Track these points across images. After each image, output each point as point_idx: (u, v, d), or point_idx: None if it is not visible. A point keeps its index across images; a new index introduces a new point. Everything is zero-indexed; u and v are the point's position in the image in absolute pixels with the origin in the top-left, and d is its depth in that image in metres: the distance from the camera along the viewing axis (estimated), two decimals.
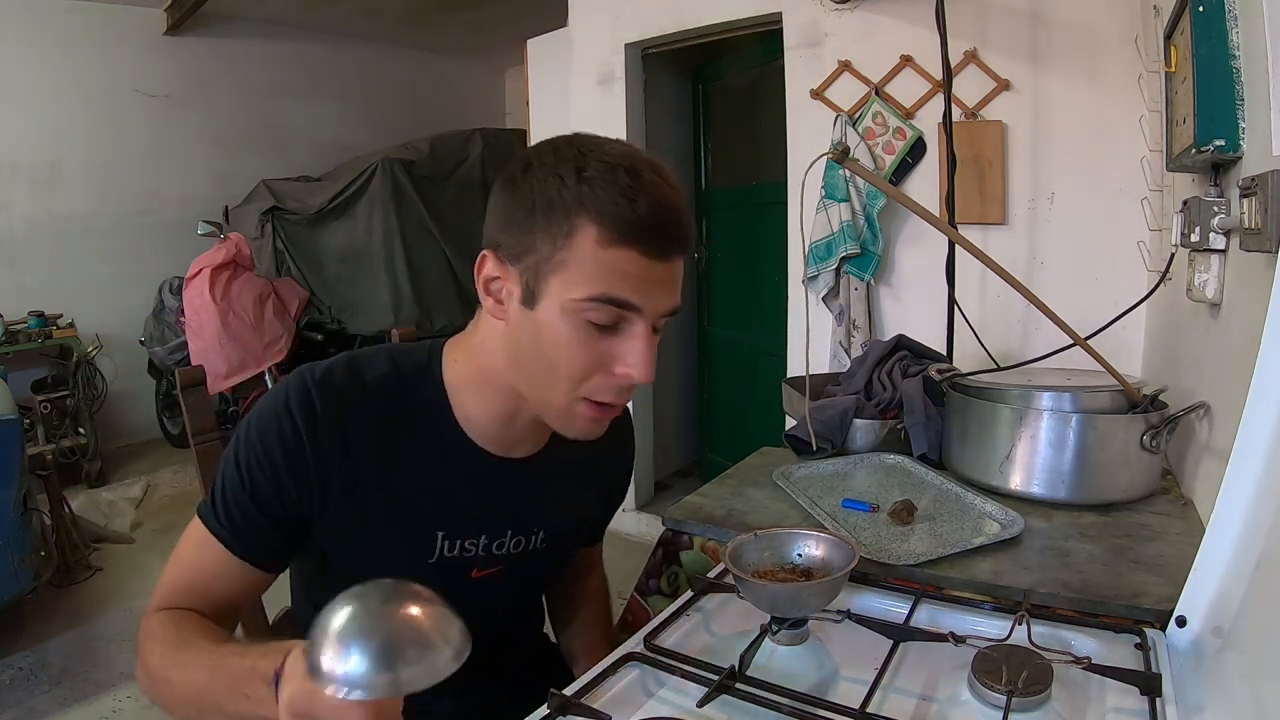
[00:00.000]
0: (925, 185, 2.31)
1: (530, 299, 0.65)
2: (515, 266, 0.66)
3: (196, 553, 0.74)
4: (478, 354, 0.74)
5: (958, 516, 1.05)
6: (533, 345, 0.66)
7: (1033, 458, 1.09)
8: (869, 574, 0.87)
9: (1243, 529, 0.67)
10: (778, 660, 0.74)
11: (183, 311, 3.66)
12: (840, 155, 1.03)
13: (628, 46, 2.95)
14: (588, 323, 0.64)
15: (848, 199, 2.32)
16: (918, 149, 2.32)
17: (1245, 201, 0.91)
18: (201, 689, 0.62)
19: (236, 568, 0.73)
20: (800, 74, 2.52)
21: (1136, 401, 1.08)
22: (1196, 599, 0.71)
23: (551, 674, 1.00)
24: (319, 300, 4.03)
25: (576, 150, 0.64)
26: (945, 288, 1.86)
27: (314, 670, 0.45)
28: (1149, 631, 0.73)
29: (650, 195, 0.62)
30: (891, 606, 0.83)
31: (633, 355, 0.65)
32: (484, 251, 0.68)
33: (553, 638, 1.10)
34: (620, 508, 1.02)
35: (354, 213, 4.07)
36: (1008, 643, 0.69)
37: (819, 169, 2.35)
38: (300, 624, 0.92)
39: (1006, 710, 0.60)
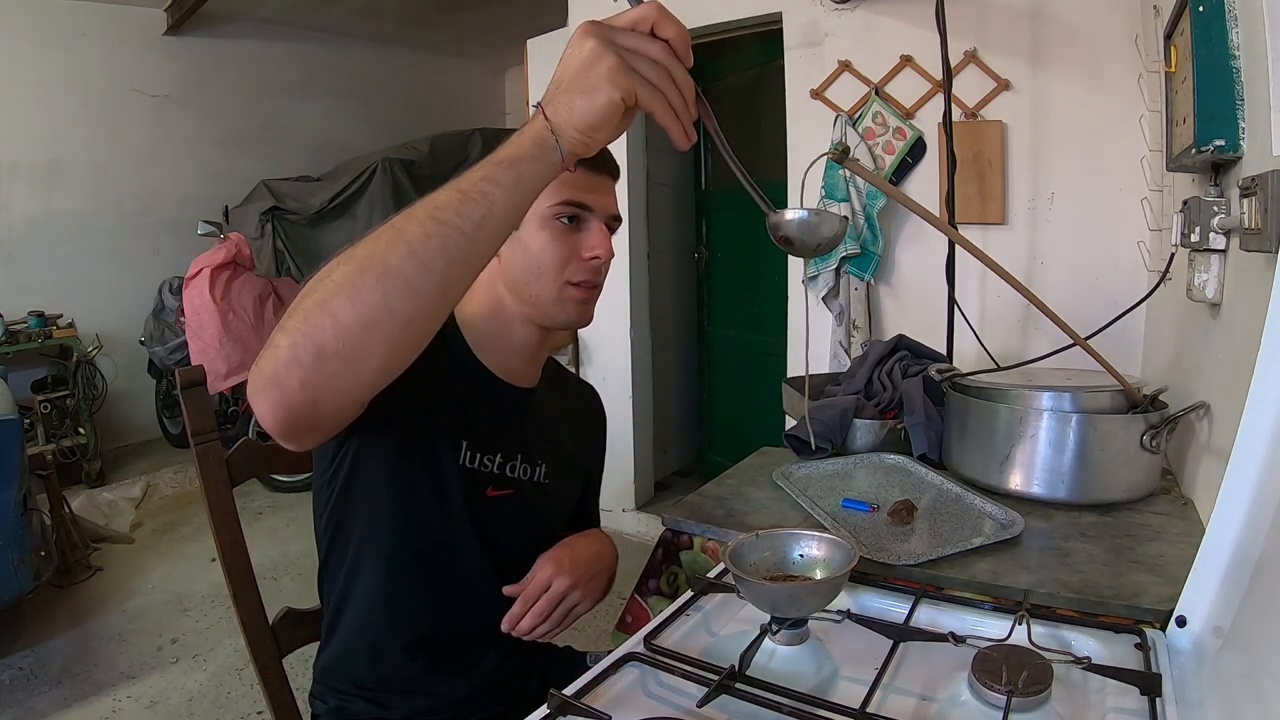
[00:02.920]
0: (925, 185, 2.31)
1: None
2: None
3: None
4: (478, 296, 0.91)
5: (958, 516, 1.05)
6: (523, 256, 0.86)
7: (1033, 458, 1.09)
8: (869, 574, 0.87)
9: (1243, 529, 0.67)
10: (778, 660, 0.73)
11: (183, 311, 3.66)
12: (840, 155, 1.03)
13: None
14: (557, 222, 0.85)
15: (848, 199, 2.32)
16: (918, 149, 2.32)
17: (1245, 201, 0.91)
18: (410, 206, 0.57)
19: None
20: (800, 74, 2.52)
21: (1136, 401, 1.07)
22: (1196, 599, 0.71)
23: (549, 673, 1.00)
24: None
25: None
26: (945, 288, 1.86)
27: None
28: (1149, 631, 0.73)
29: None
30: (891, 606, 0.83)
31: (593, 239, 0.87)
32: None
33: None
34: (621, 508, 1.04)
35: (354, 213, 4.07)
36: (1008, 643, 0.69)
37: (819, 169, 2.35)
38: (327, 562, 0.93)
39: (1006, 710, 0.60)
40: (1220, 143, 0.99)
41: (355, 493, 0.86)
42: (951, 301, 1.85)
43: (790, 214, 0.68)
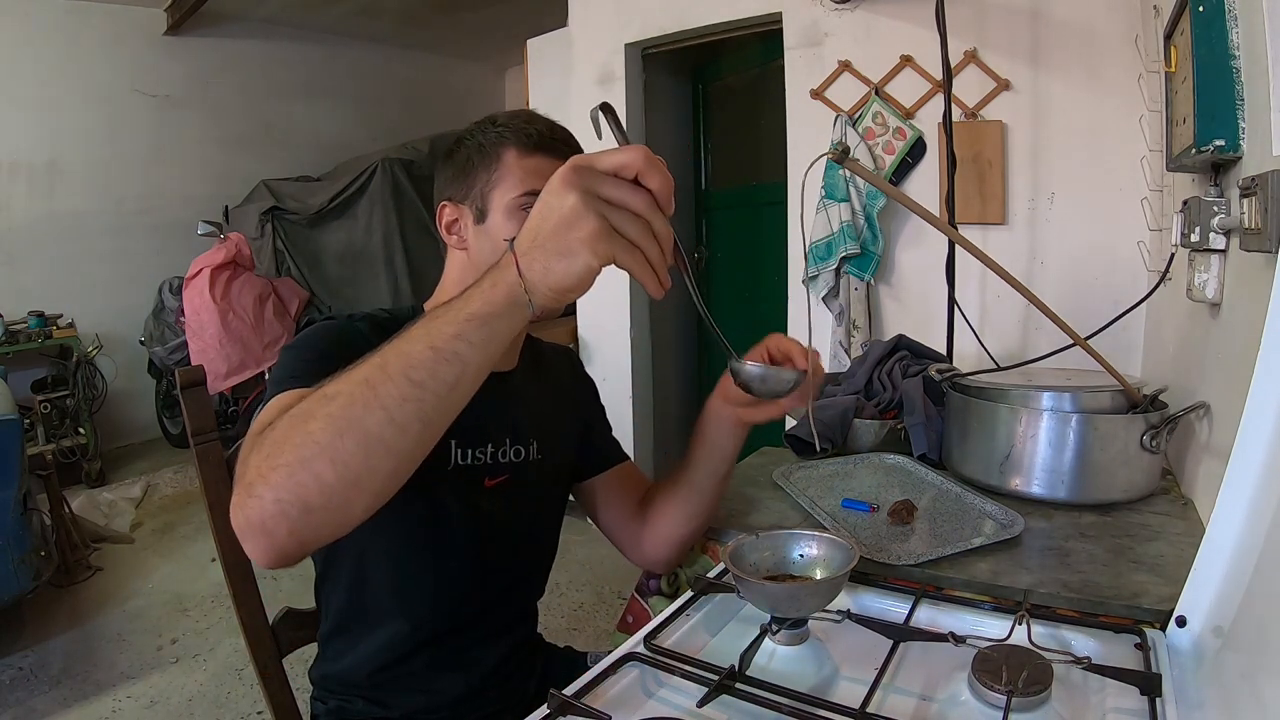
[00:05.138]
0: (925, 185, 2.31)
1: (481, 217, 0.87)
2: (465, 203, 0.89)
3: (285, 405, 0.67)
4: (448, 290, 0.91)
5: (958, 516, 1.05)
6: (491, 249, 0.87)
7: (1033, 458, 1.09)
8: (869, 574, 0.87)
9: (1243, 529, 0.67)
10: (778, 660, 0.73)
11: (183, 311, 3.66)
12: (840, 155, 1.03)
13: (628, 46, 2.95)
14: (523, 212, 0.84)
15: (848, 199, 2.32)
16: (918, 149, 2.32)
17: (1245, 201, 0.91)
18: (384, 355, 0.57)
19: None
20: (800, 74, 2.52)
21: (1136, 401, 1.07)
22: (1196, 599, 0.71)
23: (548, 673, 1.00)
24: (319, 300, 4.03)
25: (486, 119, 0.90)
26: (945, 288, 1.86)
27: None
28: (1149, 631, 0.73)
29: (543, 121, 0.89)
30: (891, 606, 0.83)
31: None
32: (440, 204, 0.91)
33: (548, 638, 1.10)
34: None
35: (354, 212, 4.07)
36: (1008, 643, 0.69)
37: (819, 169, 2.36)
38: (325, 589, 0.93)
39: (1006, 710, 0.60)
40: (1220, 143, 0.98)
41: None
42: (951, 301, 1.85)
43: (751, 367, 0.79)
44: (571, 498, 1.07)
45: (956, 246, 1.80)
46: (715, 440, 0.95)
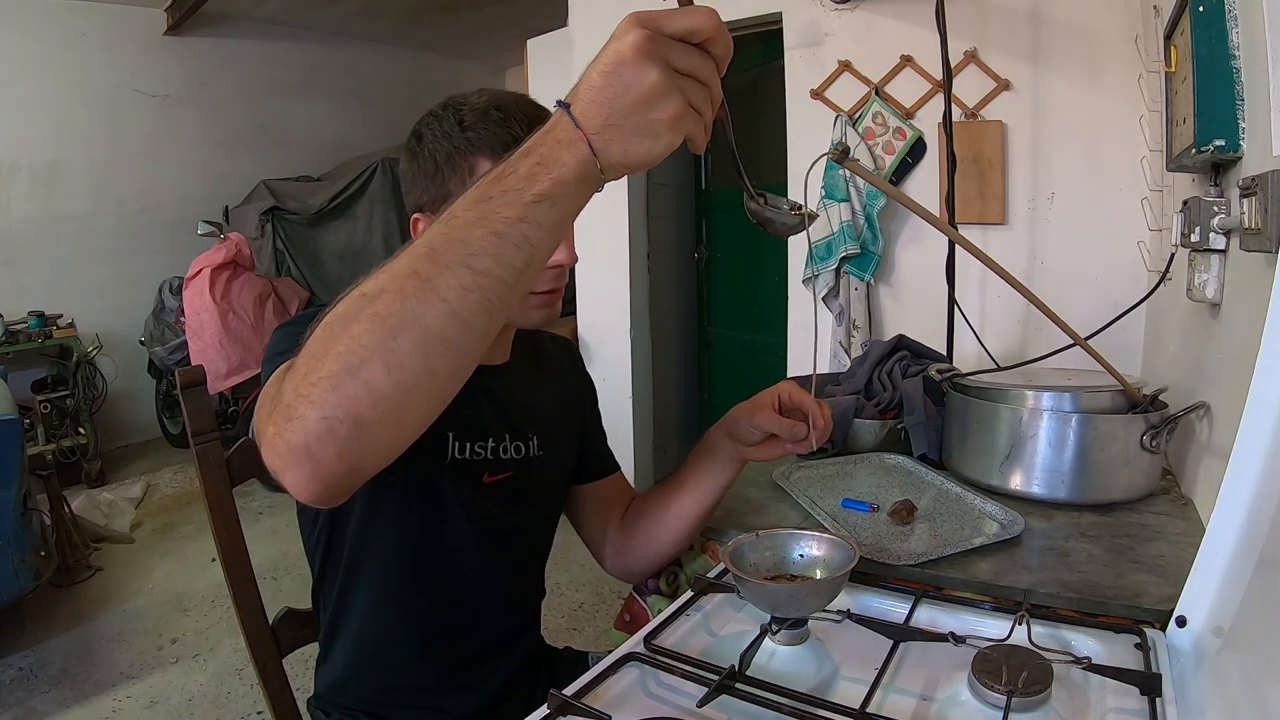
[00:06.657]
0: (925, 185, 2.31)
1: None
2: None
3: None
4: None
5: (958, 516, 1.05)
6: None
7: (1033, 458, 1.09)
8: (869, 574, 0.87)
9: (1243, 529, 0.67)
10: (778, 660, 0.74)
11: (183, 311, 3.66)
12: (840, 155, 1.03)
13: None
14: None
15: (848, 199, 2.32)
16: (918, 149, 2.32)
17: (1245, 201, 0.91)
18: (430, 245, 0.51)
19: None
20: (800, 74, 2.52)
21: (1136, 401, 1.07)
22: (1196, 599, 0.71)
23: (551, 675, 1.00)
24: (319, 300, 4.03)
25: (451, 109, 0.80)
26: (945, 288, 1.86)
27: None
28: (1149, 631, 0.73)
29: (516, 121, 0.79)
30: (891, 606, 0.83)
31: None
32: (414, 217, 0.84)
33: (548, 639, 1.10)
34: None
35: (354, 212, 4.07)
36: (1008, 643, 0.69)
37: (819, 169, 2.36)
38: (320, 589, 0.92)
39: (1006, 710, 0.60)
40: (1220, 143, 0.99)
41: (342, 508, 0.83)
42: (951, 301, 1.85)
43: (770, 207, 0.72)
44: None
45: (956, 246, 1.80)
46: (711, 472, 0.95)
